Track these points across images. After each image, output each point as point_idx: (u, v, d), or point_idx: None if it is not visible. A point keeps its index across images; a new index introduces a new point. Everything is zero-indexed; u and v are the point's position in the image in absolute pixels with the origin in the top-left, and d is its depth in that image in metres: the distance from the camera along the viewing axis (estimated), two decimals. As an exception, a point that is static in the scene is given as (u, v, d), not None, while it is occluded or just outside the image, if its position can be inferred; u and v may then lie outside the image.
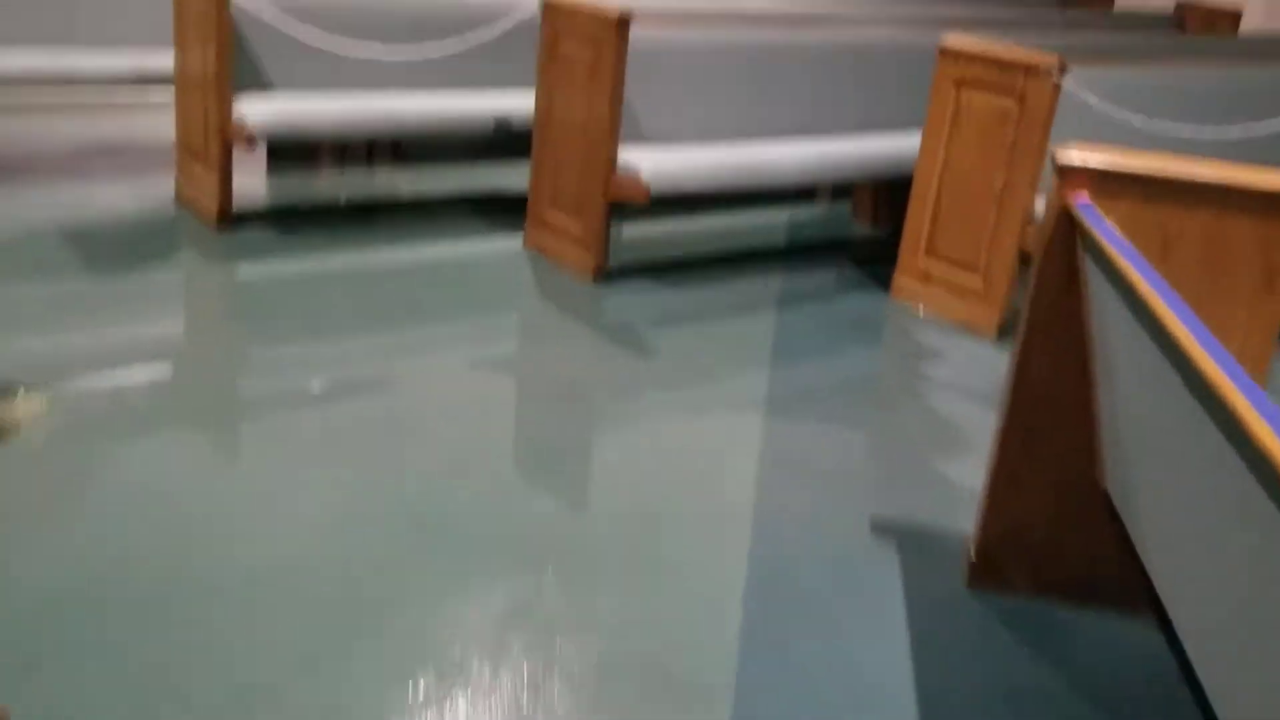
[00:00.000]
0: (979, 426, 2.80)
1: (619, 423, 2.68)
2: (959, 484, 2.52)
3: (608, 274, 3.61)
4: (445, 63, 4.07)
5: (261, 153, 4.61)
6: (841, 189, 5.09)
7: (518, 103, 4.04)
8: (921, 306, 3.61)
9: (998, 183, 3.38)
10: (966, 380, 3.10)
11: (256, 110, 3.46)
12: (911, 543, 2.27)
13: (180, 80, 3.73)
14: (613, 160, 3.43)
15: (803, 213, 4.65)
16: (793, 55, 3.94)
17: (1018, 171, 3.33)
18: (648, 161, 3.39)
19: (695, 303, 3.47)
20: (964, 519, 2.36)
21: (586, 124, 3.46)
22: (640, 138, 3.60)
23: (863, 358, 3.24)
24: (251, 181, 4.23)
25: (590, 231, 3.52)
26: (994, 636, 2.02)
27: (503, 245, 3.81)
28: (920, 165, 3.58)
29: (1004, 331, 3.47)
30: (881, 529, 2.31)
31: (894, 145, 3.98)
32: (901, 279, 3.68)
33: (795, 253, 4.07)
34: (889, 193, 4.41)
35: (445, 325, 3.09)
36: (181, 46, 3.68)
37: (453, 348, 2.96)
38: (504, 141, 4.75)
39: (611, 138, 3.41)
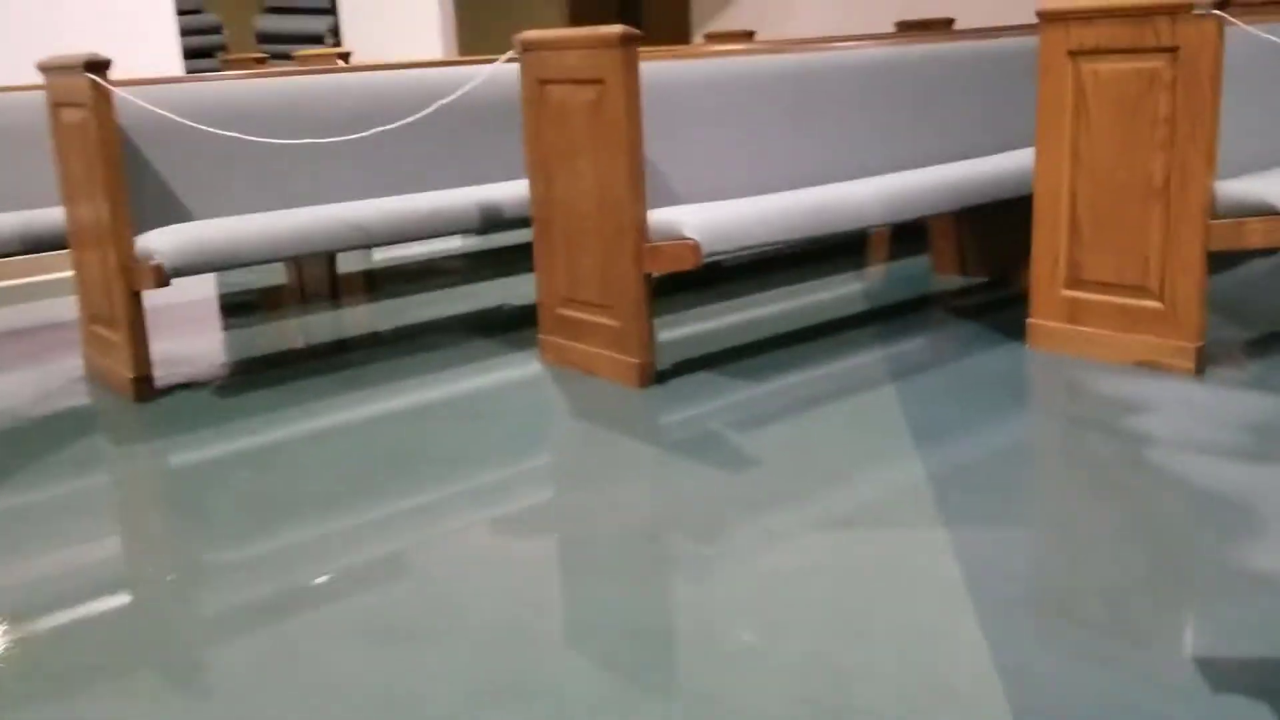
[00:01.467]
0: (1258, 492, 1.88)
1: (730, 572, 1.74)
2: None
3: (658, 375, 2.73)
4: (405, 158, 3.27)
5: (209, 312, 3.78)
6: (907, 241, 4.25)
7: (505, 190, 3.23)
8: (1075, 352, 2.71)
9: (1157, 172, 2.53)
10: (1191, 432, 2.18)
11: (165, 242, 2.63)
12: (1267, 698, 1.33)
13: (74, 234, 2.92)
14: (642, 223, 2.58)
15: (870, 276, 3.79)
16: (844, 80, 3.14)
17: (1183, 152, 2.48)
18: (690, 216, 2.54)
19: (782, 393, 2.57)
20: (1346, 647, 1.41)
21: (600, 186, 2.63)
22: (671, 200, 2.77)
23: (1032, 426, 2.32)
24: (194, 344, 3.38)
25: (628, 321, 2.65)
26: None
27: (515, 366, 2.93)
28: (1040, 172, 2.73)
29: (1206, 362, 2.56)
30: (1209, 683, 1.37)
31: (988, 167, 3.15)
32: (1038, 323, 2.79)
33: (880, 318, 3.19)
34: (977, 231, 3.56)
35: (458, 481, 2.18)
36: (70, 194, 2.88)
37: (474, 508, 2.05)
38: (492, 257, 3.94)
39: (635, 195, 2.57)
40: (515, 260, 4.20)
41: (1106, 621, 1.53)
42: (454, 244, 4.72)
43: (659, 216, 2.58)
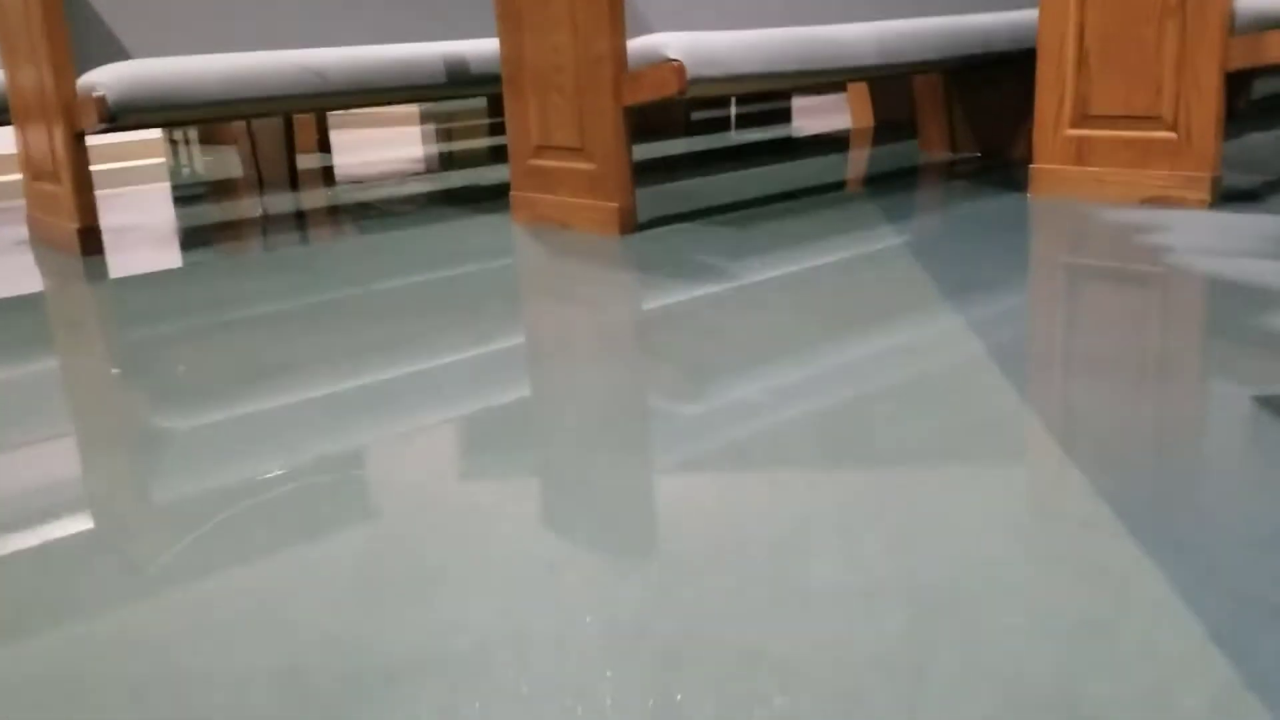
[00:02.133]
0: (1295, 287, 1.73)
1: (747, 439, 1.57)
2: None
3: (640, 225, 2.55)
4: (367, 4, 3.07)
5: (164, 207, 3.57)
6: (893, 123, 4.09)
7: (476, 46, 3.03)
8: (1082, 195, 2.56)
9: (1171, -12, 2.37)
10: (1218, 243, 2.02)
11: (108, 76, 2.41)
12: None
13: (12, 88, 2.70)
14: (620, 51, 2.39)
15: (857, 157, 3.63)
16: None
17: (1198, -35, 2.32)
18: (674, 39, 2.35)
19: (778, 234, 2.40)
20: None
21: (573, 13, 2.44)
22: (651, 31, 2.58)
23: (1048, 260, 2.17)
24: (147, 223, 3.16)
25: (606, 163, 2.46)
26: None
27: (483, 229, 2.75)
28: (1047, 3, 2.56)
29: (1219, 195, 2.41)
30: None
31: (983, 20, 2.98)
32: (1042, 168, 2.63)
33: (873, 183, 3.03)
34: (966, 106, 3.40)
35: (422, 360, 1.99)
36: (7, 44, 2.66)
37: (437, 402, 1.86)
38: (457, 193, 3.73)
39: (613, 20, 2.38)
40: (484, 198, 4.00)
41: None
42: (417, 187, 4.51)
43: (639, 43, 2.40)
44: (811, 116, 4.98)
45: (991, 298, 1.78)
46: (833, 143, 3.96)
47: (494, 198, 3.16)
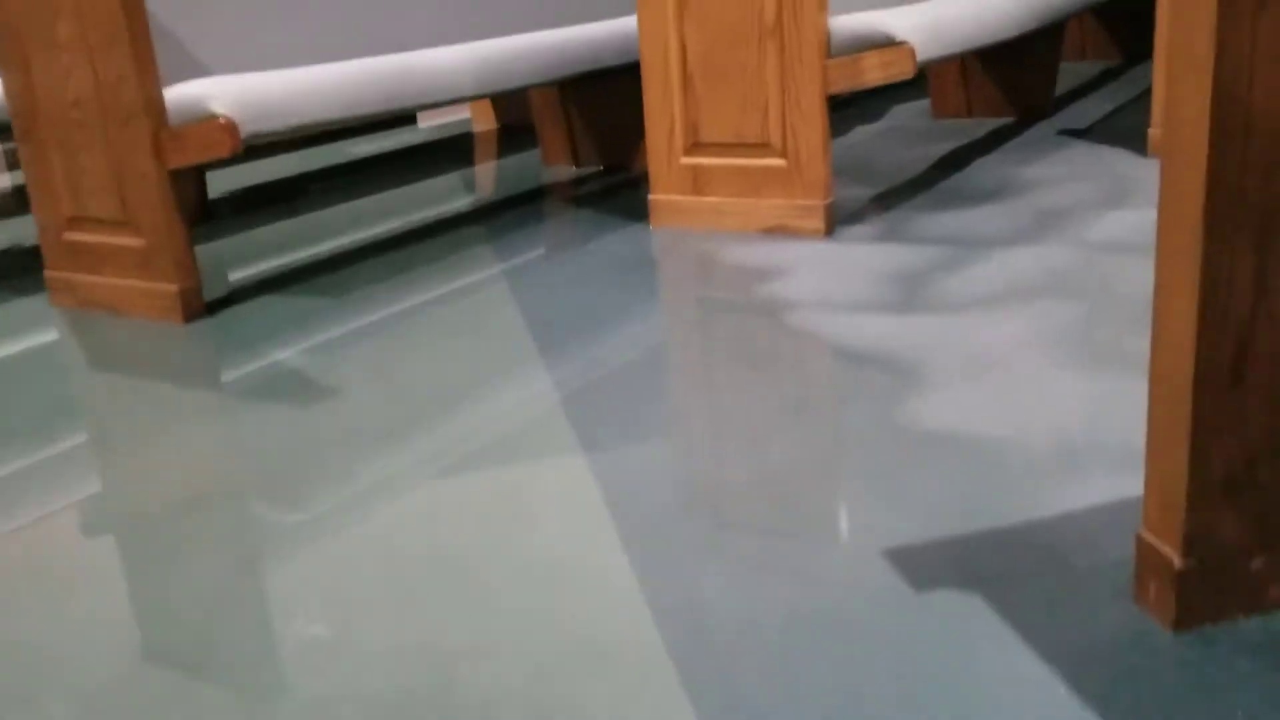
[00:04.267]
0: (906, 343, 1.63)
1: (320, 543, 1.25)
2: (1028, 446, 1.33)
3: (209, 305, 2.14)
4: None
5: None
6: (516, 128, 3.84)
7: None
8: (703, 225, 2.42)
9: (768, 7, 2.25)
10: (831, 293, 1.92)
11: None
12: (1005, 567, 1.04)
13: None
14: (157, 103, 1.97)
15: (476, 175, 3.35)
16: (404, -72, 2.64)
17: (791, -15, 2.21)
18: (222, 88, 1.95)
19: (372, 306, 2.08)
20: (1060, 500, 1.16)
21: (92, 59, 1.98)
22: (197, 73, 2.16)
23: (666, 311, 1.99)
24: None
25: (157, 236, 2.03)
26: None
27: (18, 318, 2.23)
28: (645, 22, 2.38)
29: (835, 221, 2.35)
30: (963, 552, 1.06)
31: (589, 32, 2.78)
32: (661, 199, 2.47)
33: (489, 215, 2.76)
34: (586, 116, 3.20)
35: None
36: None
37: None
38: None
39: (143, 67, 1.95)
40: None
41: (777, 522, 1.20)
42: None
43: (180, 94, 1.98)
44: (439, 112, 4.64)
45: (581, 368, 1.57)
46: (454, 152, 3.66)
47: (33, 269, 2.62)
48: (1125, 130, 3.01)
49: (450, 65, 2.34)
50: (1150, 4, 4.11)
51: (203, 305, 2.10)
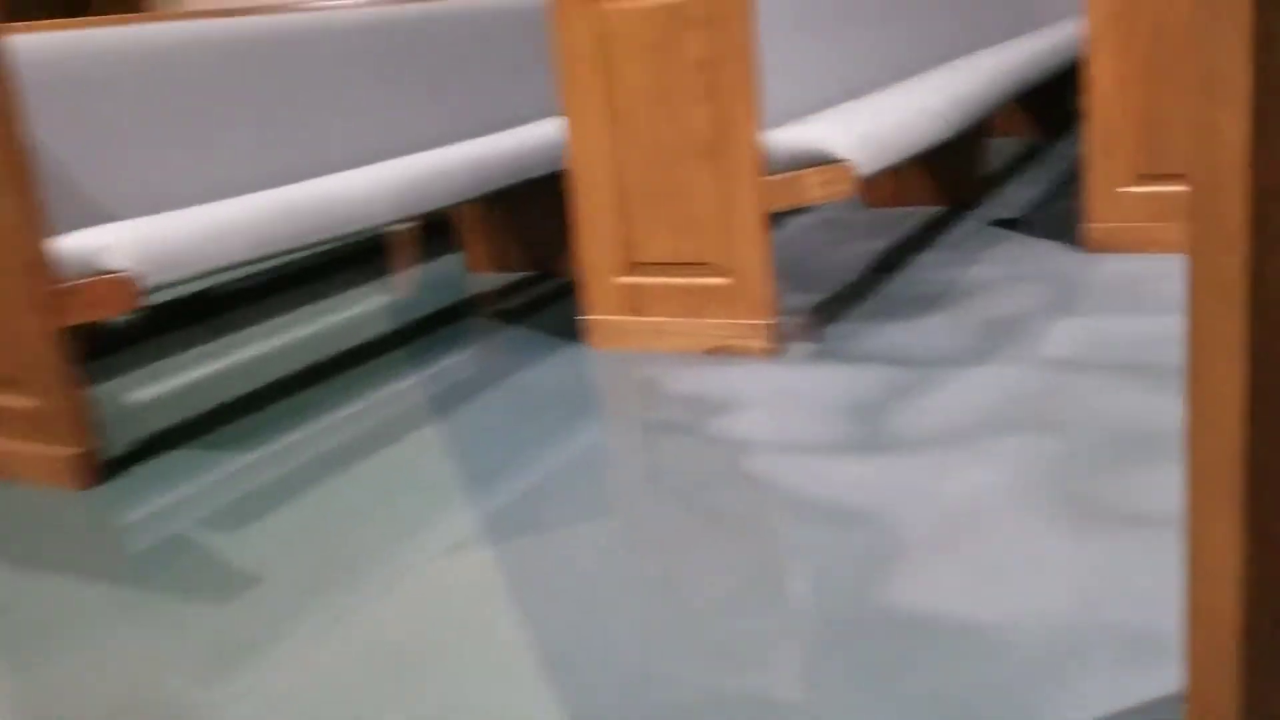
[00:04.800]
0: (868, 491, 1.53)
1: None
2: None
3: (108, 466, 1.96)
4: None
5: None
6: (440, 238, 3.71)
7: None
8: (643, 346, 2.31)
9: (702, 126, 2.16)
10: (787, 430, 1.82)
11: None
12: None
13: None
14: (44, 257, 1.80)
15: (396, 286, 3.21)
16: (325, 48, 2.51)
17: (726, 100, 2.13)
18: (119, 238, 1.79)
19: (287, 457, 1.92)
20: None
21: (-26, 209, 1.81)
22: (91, 220, 2.00)
23: (608, 449, 1.86)
24: None
25: (50, 398, 1.85)
26: None
27: (-109, 480, 2.02)
28: (575, 140, 2.28)
29: (782, 339, 2.25)
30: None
31: (513, 141, 2.67)
32: (598, 319, 2.35)
33: (412, 336, 2.62)
34: (512, 219, 3.09)
35: None
36: None
37: None
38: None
39: (28, 217, 1.78)
40: None
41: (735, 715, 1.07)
42: None
43: (76, 244, 1.82)
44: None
45: (516, 526, 1.43)
46: (373, 254, 3.51)
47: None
48: (1057, 220, 2.99)
49: (366, 192, 2.20)
50: (1066, 81, 4.15)
51: (102, 467, 1.92)
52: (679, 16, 2.12)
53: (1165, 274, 2.41)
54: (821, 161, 2.08)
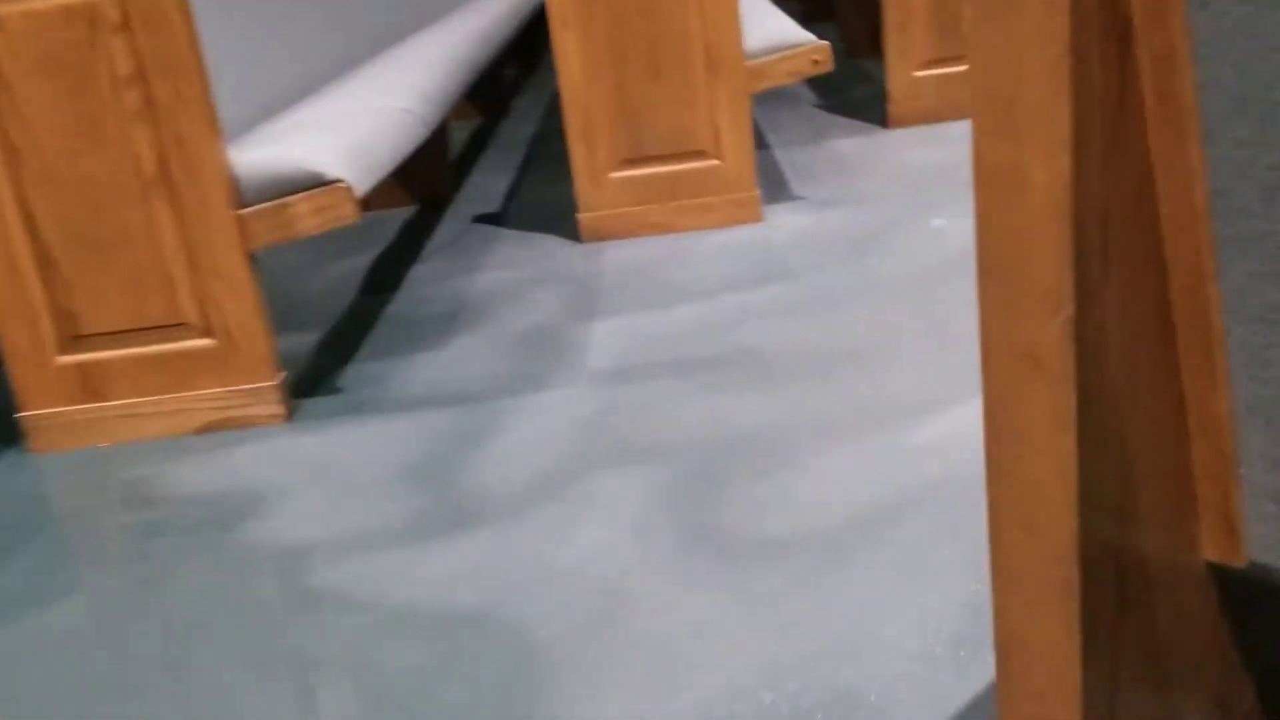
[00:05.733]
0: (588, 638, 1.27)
1: None
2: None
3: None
4: None
5: None
6: None
7: None
8: (111, 438, 1.80)
9: (145, 154, 1.69)
10: (348, 530, 1.48)
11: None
12: None
13: None
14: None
15: None
16: None
17: (173, 119, 1.68)
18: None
19: None
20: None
21: None
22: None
23: (80, 597, 1.39)
24: None
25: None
26: None
27: None
28: (-44, 187, 1.69)
29: (294, 399, 1.88)
30: None
31: None
32: (39, 415, 1.80)
33: None
34: None
35: None
36: None
37: None
38: None
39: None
40: None
41: None
42: None
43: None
44: None
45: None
46: None
47: None
48: (541, 210, 2.89)
49: None
50: (502, 59, 4.09)
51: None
52: (90, 20, 1.63)
53: (663, 259, 2.39)
54: (311, 185, 1.72)
